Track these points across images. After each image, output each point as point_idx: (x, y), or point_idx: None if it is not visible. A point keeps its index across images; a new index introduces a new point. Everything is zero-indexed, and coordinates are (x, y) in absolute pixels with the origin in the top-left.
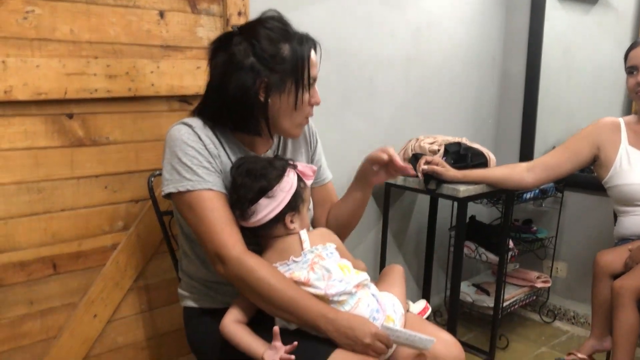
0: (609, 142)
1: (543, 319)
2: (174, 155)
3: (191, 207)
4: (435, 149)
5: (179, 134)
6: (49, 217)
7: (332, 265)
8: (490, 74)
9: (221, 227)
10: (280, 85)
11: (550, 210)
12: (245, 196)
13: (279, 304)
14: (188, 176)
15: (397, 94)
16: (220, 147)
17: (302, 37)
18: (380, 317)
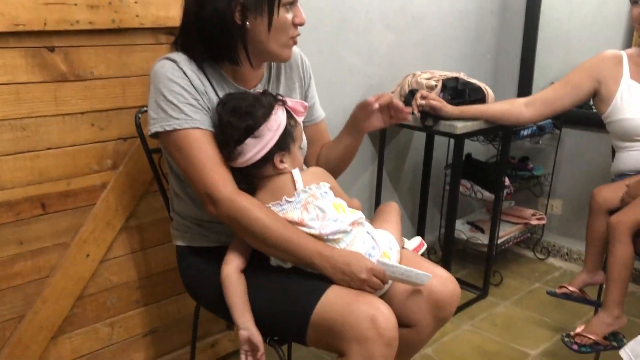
0: (610, 76)
1: (537, 255)
2: (158, 92)
3: (179, 146)
4: (433, 84)
5: (163, 70)
6: (34, 155)
7: (326, 204)
8: (489, 5)
9: (211, 167)
10: (257, 6)
11: (547, 148)
12: (231, 136)
13: (273, 243)
14: (174, 114)
15: (393, 27)
16: (207, 83)
17: None
18: (376, 254)
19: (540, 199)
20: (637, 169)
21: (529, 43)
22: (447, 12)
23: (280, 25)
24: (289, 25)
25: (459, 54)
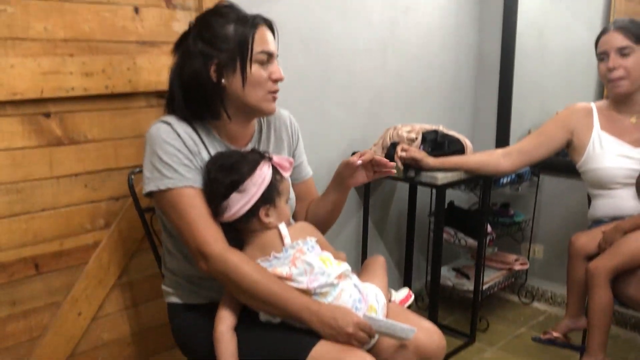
0: (581, 127)
1: (522, 300)
2: (154, 153)
3: (172, 204)
4: (413, 137)
5: (159, 132)
6: (29, 217)
7: (314, 258)
8: (466, 60)
9: (202, 223)
10: (230, 64)
11: (526, 194)
12: (217, 191)
13: (262, 298)
14: (169, 174)
15: (374, 82)
16: (200, 143)
17: (247, 17)
18: (363, 307)
19: (522, 244)
20: (612, 216)
21: (504, 94)
22: (425, 68)
23: (254, 81)
24: (264, 80)
25: (437, 106)
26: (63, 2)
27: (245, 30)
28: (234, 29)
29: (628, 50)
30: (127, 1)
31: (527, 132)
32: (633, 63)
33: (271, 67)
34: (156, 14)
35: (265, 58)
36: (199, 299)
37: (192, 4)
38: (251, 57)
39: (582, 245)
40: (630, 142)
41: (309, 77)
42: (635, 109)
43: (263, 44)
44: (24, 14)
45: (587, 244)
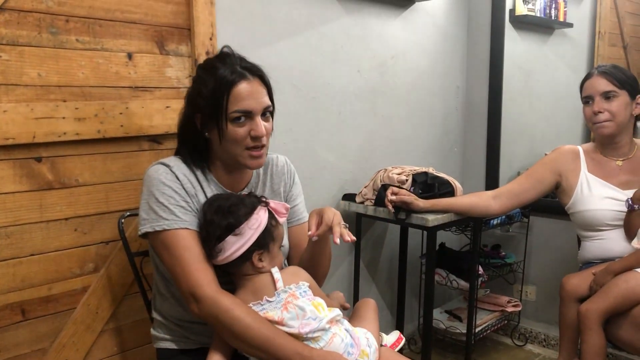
0: (569, 169)
1: (515, 342)
2: (151, 194)
3: (166, 246)
4: (404, 179)
5: (157, 174)
6: (17, 262)
7: (306, 303)
8: (454, 103)
9: (195, 266)
10: (210, 118)
11: (517, 235)
12: (213, 233)
13: (254, 343)
14: (164, 215)
15: (364, 125)
16: (197, 186)
17: (229, 73)
18: (355, 352)
19: (514, 286)
20: (602, 258)
21: (493, 136)
22: (414, 111)
23: (231, 139)
24: (241, 138)
25: (427, 149)
26: (57, 49)
27: (222, 88)
28: (212, 87)
29: (612, 95)
30: (121, 48)
31: (517, 174)
32: (617, 106)
33: (252, 124)
34: (149, 60)
35: (241, 116)
36: (188, 344)
37: (185, 50)
38: (226, 117)
39: (573, 288)
40: (618, 184)
41: (300, 121)
42: (620, 152)
43: (239, 102)
44: (19, 60)
45: (578, 286)
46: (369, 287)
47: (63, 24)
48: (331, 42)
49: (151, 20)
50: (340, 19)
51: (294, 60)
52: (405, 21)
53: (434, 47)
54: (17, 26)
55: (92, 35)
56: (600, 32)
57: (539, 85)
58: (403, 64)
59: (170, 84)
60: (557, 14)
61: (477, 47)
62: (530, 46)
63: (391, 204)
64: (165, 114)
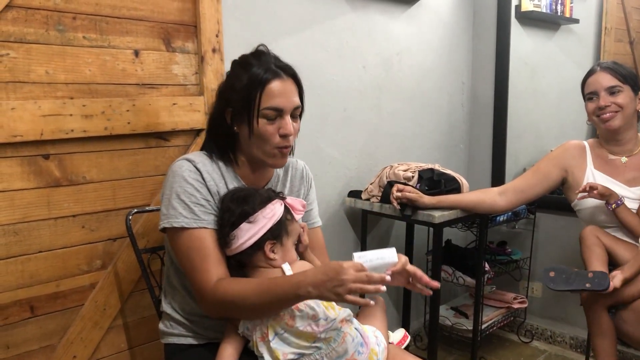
0: (576, 165)
1: (521, 339)
2: (173, 191)
3: (183, 243)
4: (410, 175)
5: (180, 170)
6: (25, 259)
7: (317, 303)
8: (459, 99)
9: (205, 266)
10: (240, 114)
11: (523, 232)
12: (228, 220)
13: (260, 306)
14: (184, 213)
15: (370, 122)
16: (221, 182)
17: (262, 70)
18: (365, 351)
19: (520, 282)
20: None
21: (499, 132)
22: (419, 107)
23: (260, 135)
24: (270, 135)
25: (433, 145)
26: (65, 46)
27: (255, 85)
28: (246, 83)
29: (617, 89)
30: (127, 45)
31: (522, 170)
32: (623, 99)
33: (281, 122)
34: (156, 57)
35: (272, 113)
36: (196, 339)
37: (191, 47)
38: (257, 113)
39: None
40: (624, 182)
41: (305, 117)
42: (625, 148)
43: (271, 99)
44: (26, 58)
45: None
46: None
47: (70, 21)
48: (336, 38)
49: (157, 17)
50: (345, 15)
51: (299, 56)
52: (410, 17)
53: (440, 43)
54: (25, 24)
55: (99, 33)
56: (606, 27)
57: (545, 81)
58: (408, 60)
59: (177, 81)
60: (563, 10)
61: (482, 43)
62: (536, 42)
63: (396, 201)
64: (172, 110)
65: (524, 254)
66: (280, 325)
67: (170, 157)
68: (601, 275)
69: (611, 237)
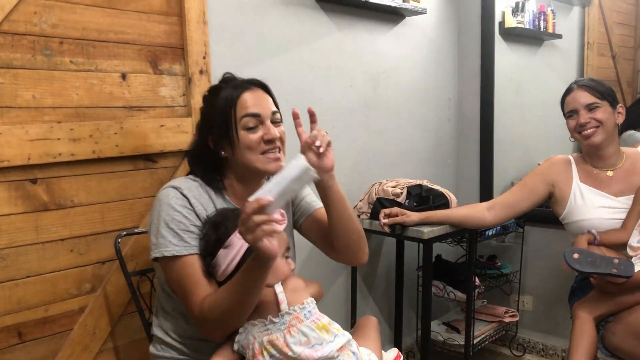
0: (562, 179)
1: (513, 352)
2: (160, 219)
3: (175, 270)
4: (398, 191)
5: (167, 199)
6: (13, 285)
7: (309, 328)
8: (446, 115)
9: (196, 289)
10: (222, 135)
11: (512, 246)
12: (206, 249)
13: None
14: (174, 241)
15: (358, 139)
16: (210, 206)
17: (232, 87)
18: None
19: (511, 296)
20: None
21: (486, 147)
22: (407, 124)
23: (245, 146)
24: (254, 143)
25: (421, 161)
26: (52, 70)
27: (228, 102)
28: (219, 104)
29: (595, 106)
30: (115, 68)
31: (510, 184)
32: (602, 115)
33: (264, 129)
34: (143, 80)
35: (250, 121)
36: None
37: (179, 69)
38: (235, 125)
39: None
40: (611, 193)
41: (294, 136)
42: (608, 162)
43: (246, 108)
44: (13, 83)
45: (592, 310)
46: (366, 300)
47: (57, 45)
48: (324, 57)
49: (145, 40)
50: (332, 35)
51: (287, 76)
52: (396, 36)
53: (425, 60)
54: (12, 49)
55: (86, 57)
56: (589, 42)
57: (530, 96)
58: (395, 77)
59: (165, 103)
60: (545, 26)
61: (467, 59)
62: (520, 57)
63: (387, 226)
64: (160, 132)
65: (513, 268)
66: (276, 349)
67: (158, 179)
68: (627, 262)
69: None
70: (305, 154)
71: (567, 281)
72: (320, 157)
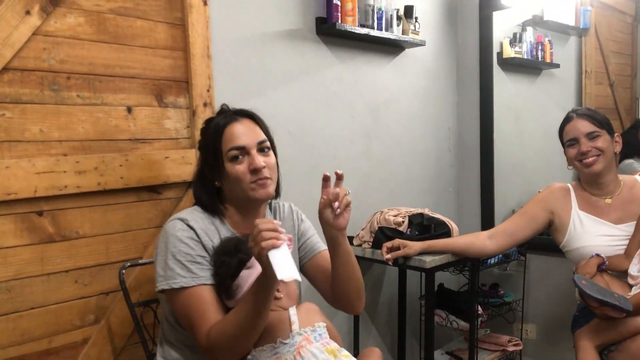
0: (561, 206)
1: None
2: (167, 251)
3: (182, 302)
4: (400, 220)
5: (173, 230)
6: (17, 316)
7: (319, 350)
8: (446, 144)
9: (204, 321)
10: (213, 168)
11: (515, 274)
12: (226, 273)
13: (244, 320)
14: (182, 273)
15: (360, 168)
16: (216, 237)
17: (226, 116)
18: None
19: (514, 325)
20: None
21: (486, 175)
22: (407, 153)
23: (233, 177)
24: (241, 175)
25: (422, 190)
26: (59, 105)
27: (216, 134)
28: (209, 135)
29: (596, 134)
30: (120, 102)
31: (511, 212)
32: (603, 143)
33: (249, 159)
34: (148, 113)
35: (236, 153)
36: None
37: (183, 102)
38: (221, 158)
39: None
40: (610, 220)
41: (296, 166)
42: (606, 190)
43: (232, 141)
44: (21, 118)
45: (592, 338)
46: (369, 329)
47: (64, 81)
48: (325, 89)
49: (150, 74)
50: (333, 67)
51: (289, 107)
52: (396, 67)
53: (425, 91)
54: (21, 85)
55: (92, 91)
56: (586, 71)
57: (529, 124)
58: (395, 107)
59: (169, 135)
60: (543, 55)
61: (466, 89)
62: (518, 87)
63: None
64: (164, 164)
65: (516, 296)
66: None
67: (162, 210)
68: (624, 298)
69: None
70: (323, 210)
71: (570, 309)
72: (337, 216)
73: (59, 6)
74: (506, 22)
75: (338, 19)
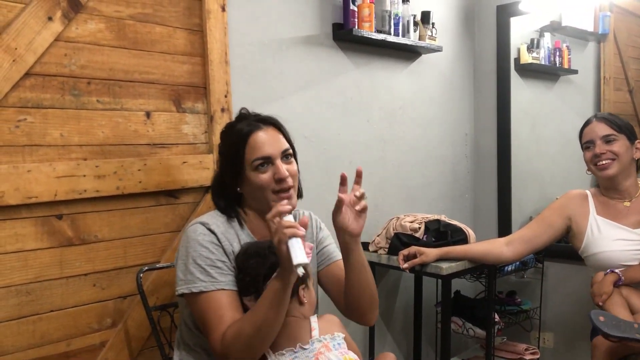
0: (579, 213)
1: None
2: (188, 255)
3: (201, 306)
4: (416, 227)
5: (195, 235)
6: (37, 319)
7: (337, 357)
8: (463, 150)
9: (221, 325)
10: (235, 172)
11: (532, 281)
12: (258, 275)
13: (266, 331)
14: (202, 277)
15: (376, 174)
16: (235, 240)
17: (249, 123)
18: None
19: (532, 333)
20: None
21: (503, 182)
22: (423, 159)
23: (257, 186)
24: (266, 184)
25: (438, 196)
26: (79, 110)
27: (239, 141)
28: (231, 142)
29: (612, 138)
30: (139, 107)
31: (529, 218)
32: (619, 148)
33: (273, 168)
34: (167, 118)
35: (262, 163)
36: None
37: (201, 108)
38: (247, 167)
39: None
40: (628, 224)
41: (313, 172)
42: (625, 194)
43: (256, 151)
44: (43, 122)
45: (611, 346)
46: (384, 336)
47: (85, 86)
48: (341, 94)
49: (168, 80)
50: (349, 72)
51: (305, 113)
52: (412, 73)
53: (442, 96)
54: (42, 90)
55: (112, 96)
56: (605, 77)
57: (547, 131)
58: (411, 113)
59: (187, 140)
60: (561, 61)
61: (483, 95)
62: (536, 93)
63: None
64: (182, 169)
65: (533, 304)
66: None
67: (180, 214)
68: None
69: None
70: (337, 211)
71: (588, 317)
72: (351, 221)
73: (80, 12)
74: (524, 28)
75: (355, 25)
